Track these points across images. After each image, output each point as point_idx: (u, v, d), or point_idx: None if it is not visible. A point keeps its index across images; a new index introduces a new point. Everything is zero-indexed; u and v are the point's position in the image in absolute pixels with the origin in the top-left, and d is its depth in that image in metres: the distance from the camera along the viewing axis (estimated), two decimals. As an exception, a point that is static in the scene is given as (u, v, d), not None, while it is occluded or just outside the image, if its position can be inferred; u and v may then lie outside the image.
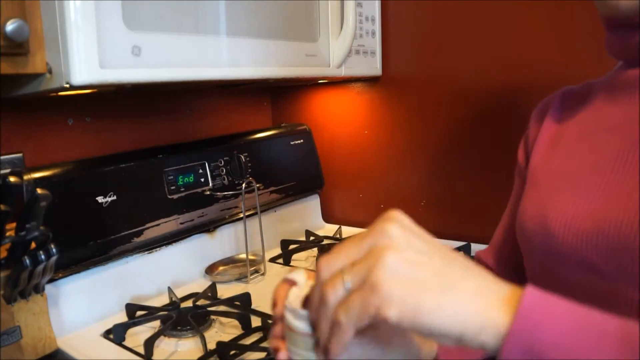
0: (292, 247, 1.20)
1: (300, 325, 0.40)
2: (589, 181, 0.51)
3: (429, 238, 0.38)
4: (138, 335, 0.84)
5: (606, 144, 0.51)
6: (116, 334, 0.83)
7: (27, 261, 0.68)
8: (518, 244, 0.59)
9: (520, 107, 1.04)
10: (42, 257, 0.69)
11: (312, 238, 1.26)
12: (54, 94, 0.75)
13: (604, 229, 0.46)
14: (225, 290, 0.99)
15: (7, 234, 0.66)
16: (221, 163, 1.12)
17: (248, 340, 0.81)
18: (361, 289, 0.35)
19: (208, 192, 1.08)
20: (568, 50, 0.97)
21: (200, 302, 0.92)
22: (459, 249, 1.10)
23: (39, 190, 0.65)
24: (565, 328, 0.32)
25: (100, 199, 0.90)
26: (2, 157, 0.69)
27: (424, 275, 0.35)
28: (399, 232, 0.37)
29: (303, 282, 0.44)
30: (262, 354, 0.76)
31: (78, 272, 0.88)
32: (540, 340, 0.32)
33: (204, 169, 1.08)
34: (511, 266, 0.66)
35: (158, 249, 1.01)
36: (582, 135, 0.55)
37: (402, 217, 0.38)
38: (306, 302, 0.41)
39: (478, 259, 0.73)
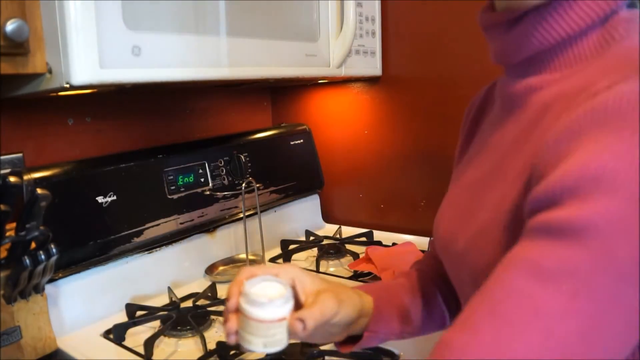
0: (292, 247, 1.20)
1: (254, 312, 0.47)
2: (461, 199, 0.53)
3: None
4: (138, 335, 0.84)
5: (482, 163, 0.52)
6: (116, 334, 0.83)
7: (27, 261, 0.68)
8: None
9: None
10: (42, 257, 0.69)
11: (312, 238, 1.26)
12: (54, 94, 0.75)
13: (455, 255, 0.49)
14: (225, 290, 0.98)
15: (7, 234, 0.66)
16: (221, 163, 1.12)
17: (248, 340, 0.81)
18: None
19: (208, 192, 1.08)
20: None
21: (200, 302, 0.92)
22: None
23: (39, 190, 0.65)
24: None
25: (100, 199, 0.90)
26: (2, 157, 0.69)
27: None
28: None
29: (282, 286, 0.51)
30: (262, 354, 0.76)
31: (78, 272, 0.88)
32: None
33: (204, 169, 1.08)
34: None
35: (158, 249, 1.01)
36: (477, 148, 0.56)
37: None
38: None
39: (430, 247, 0.75)
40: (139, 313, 0.91)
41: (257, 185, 1.15)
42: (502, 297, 0.36)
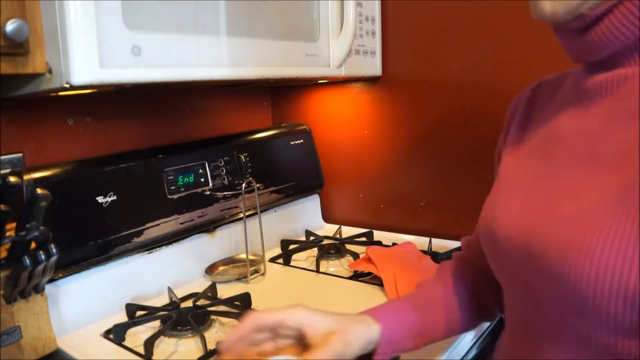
0: (292, 247, 1.20)
1: None
2: (532, 191, 0.51)
3: None
4: (138, 335, 0.84)
5: (554, 153, 0.51)
6: (116, 334, 0.83)
7: (27, 261, 0.68)
8: None
9: (520, 107, 1.04)
10: (42, 257, 0.69)
11: (312, 238, 1.26)
12: (54, 94, 0.75)
13: (532, 246, 0.46)
14: (225, 290, 0.99)
15: (7, 234, 0.66)
16: (221, 163, 1.12)
17: (248, 340, 0.81)
18: None
19: (208, 192, 1.08)
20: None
21: (200, 302, 0.92)
22: (458, 248, 1.11)
23: (39, 190, 0.65)
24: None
25: (100, 199, 0.90)
26: (2, 157, 0.69)
27: None
28: None
29: None
30: (262, 354, 0.76)
31: (78, 272, 0.88)
32: None
33: (204, 169, 1.08)
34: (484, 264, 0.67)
35: (158, 249, 1.01)
36: (540, 140, 0.55)
37: None
38: None
39: (463, 247, 0.75)
40: (139, 313, 0.91)
41: (257, 185, 1.15)
42: None
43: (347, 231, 1.30)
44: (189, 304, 0.93)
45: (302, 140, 1.34)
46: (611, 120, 0.45)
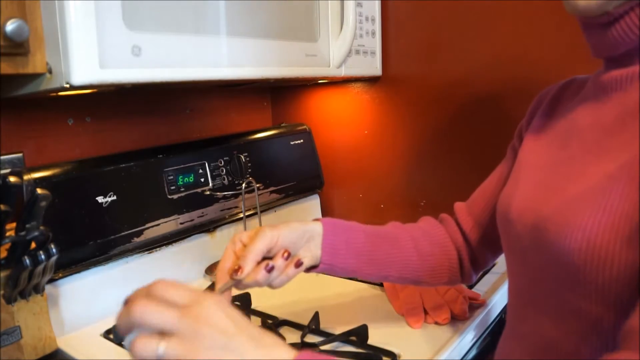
0: (292, 247, 1.20)
1: None
2: (546, 176, 0.54)
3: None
4: (138, 335, 0.84)
5: (570, 144, 0.54)
6: (116, 334, 0.83)
7: (27, 261, 0.68)
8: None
9: (521, 106, 1.04)
10: (42, 257, 0.69)
11: (312, 238, 1.26)
12: (54, 94, 0.75)
13: (538, 224, 0.50)
14: (225, 290, 0.99)
15: (7, 234, 0.66)
16: (221, 163, 1.12)
17: (248, 340, 0.81)
18: None
19: (208, 192, 1.08)
20: (569, 51, 0.97)
21: (200, 302, 0.92)
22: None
23: (39, 190, 0.65)
24: None
25: (100, 199, 0.90)
26: (2, 157, 0.69)
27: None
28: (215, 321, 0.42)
29: None
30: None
31: (78, 272, 0.88)
32: None
33: (204, 169, 1.08)
34: (488, 237, 0.73)
35: (158, 249, 1.01)
36: (560, 132, 0.58)
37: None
38: None
39: (455, 212, 0.80)
40: (139, 313, 0.91)
41: (257, 185, 1.15)
42: None
43: (347, 231, 1.30)
44: (189, 304, 0.93)
45: (302, 140, 1.34)
46: (623, 114, 0.48)
